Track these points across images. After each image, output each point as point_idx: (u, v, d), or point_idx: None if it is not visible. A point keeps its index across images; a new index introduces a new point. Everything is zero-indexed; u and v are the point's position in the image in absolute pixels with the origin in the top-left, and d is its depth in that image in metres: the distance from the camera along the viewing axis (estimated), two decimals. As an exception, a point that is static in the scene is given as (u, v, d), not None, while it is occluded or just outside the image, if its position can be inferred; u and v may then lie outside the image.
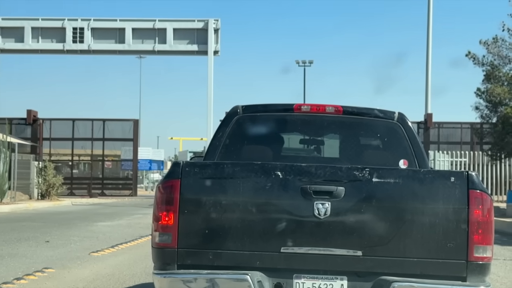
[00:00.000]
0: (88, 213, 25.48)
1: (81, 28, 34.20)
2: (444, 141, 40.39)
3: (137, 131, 43.59)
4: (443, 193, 4.67)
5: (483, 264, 4.65)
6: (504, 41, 27.19)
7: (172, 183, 4.73)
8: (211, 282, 4.57)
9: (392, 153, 5.87)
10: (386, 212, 4.67)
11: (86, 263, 10.97)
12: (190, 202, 4.72)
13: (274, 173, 4.72)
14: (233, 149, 5.84)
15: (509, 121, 24.78)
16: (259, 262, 4.65)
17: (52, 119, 42.65)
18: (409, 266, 4.62)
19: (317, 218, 4.59)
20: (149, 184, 68.30)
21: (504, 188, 35.29)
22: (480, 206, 4.65)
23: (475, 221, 4.62)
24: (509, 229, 19.47)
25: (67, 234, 16.01)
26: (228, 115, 6.07)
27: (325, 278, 4.66)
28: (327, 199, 4.60)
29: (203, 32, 33.60)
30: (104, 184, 43.56)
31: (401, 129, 5.90)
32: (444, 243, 4.61)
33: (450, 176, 4.72)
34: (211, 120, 33.91)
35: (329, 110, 5.97)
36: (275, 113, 6.16)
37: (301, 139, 6.62)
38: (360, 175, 4.70)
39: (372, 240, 4.64)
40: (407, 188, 4.72)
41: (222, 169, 4.82)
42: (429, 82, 39.77)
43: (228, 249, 4.68)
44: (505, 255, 13.84)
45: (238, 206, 4.72)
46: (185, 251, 4.69)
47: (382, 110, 6.13)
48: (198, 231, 4.71)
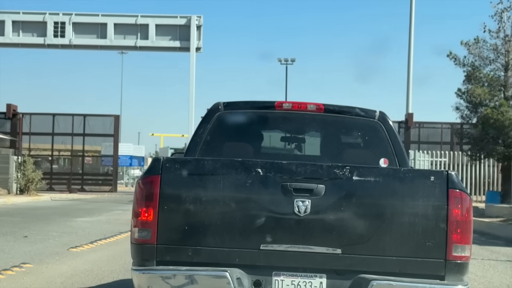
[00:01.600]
0: (67, 209, 25.31)
1: (62, 23, 33.91)
2: (425, 141, 40.59)
3: (118, 127, 43.38)
4: (422, 192, 4.66)
5: (461, 263, 4.65)
6: (485, 42, 27.43)
7: (152, 178, 4.70)
8: (190, 278, 4.52)
9: (373, 151, 5.88)
10: (366, 211, 4.66)
11: (64, 259, 10.89)
12: (170, 198, 4.67)
13: (254, 170, 4.69)
14: (214, 145, 5.82)
15: (489, 121, 24.97)
16: (239, 259, 4.61)
17: (32, 114, 42.34)
18: (388, 264, 4.61)
19: (297, 216, 4.57)
20: (129, 180, 68.10)
21: (483, 188, 35.60)
22: (460, 205, 4.64)
23: (454, 221, 4.61)
24: (488, 229, 19.59)
25: (45, 230, 15.89)
26: (209, 112, 6.05)
27: (304, 275, 4.64)
28: (307, 197, 4.59)
29: (186, 28, 33.46)
30: (84, 180, 43.32)
31: (382, 128, 5.91)
32: (423, 242, 4.61)
33: (430, 176, 4.72)
34: (192, 116, 33.82)
35: (311, 108, 5.98)
36: (256, 110, 6.14)
37: (282, 137, 6.61)
38: (340, 173, 4.68)
39: (352, 238, 4.62)
40: (387, 187, 4.72)
41: (203, 165, 4.80)
42: (410, 82, 39.95)
43: (208, 245, 4.64)
44: (483, 254, 13.93)
45: (218, 203, 4.67)
46: (164, 247, 4.65)
47: (363, 109, 6.14)
48: (178, 228, 4.67)
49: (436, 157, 36.29)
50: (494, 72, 27.99)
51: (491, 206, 23.92)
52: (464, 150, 32.80)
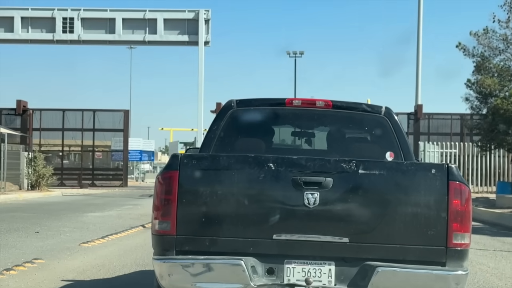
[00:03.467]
0: (78, 204, 25.42)
1: (71, 18, 33.91)
2: (434, 132, 40.39)
3: (127, 121, 43.40)
4: (424, 184, 4.93)
5: (461, 250, 4.92)
6: (495, 32, 27.20)
7: (171, 174, 4.96)
8: (207, 267, 4.79)
9: (379, 145, 6.12)
10: (371, 202, 4.94)
11: (76, 254, 10.95)
12: (188, 192, 4.93)
13: (266, 165, 4.94)
14: (227, 141, 6.06)
15: (499, 112, 24.80)
16: (253, 248, 4.88)
17: (42, 110, 42.38)
18: (393, 252, 4.87)
19: (306, 207, 4.83)
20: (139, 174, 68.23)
21: (493, 179, 35.43)
22: (459, 196, 4.91)
23: (454, 210, 4.88)
24: (499, 220, 19.53)
25: (57, 225, 15.97)
26: (223, 109, 6.27)
27: (314, 263, 4.89)
28: (316, 190, 4.84)
29: (194, 22, 33.39)
30: (94, 175, 43.40)
31: (388, 122, 6.13)
32: (425, 231, 4.88)
33: (431, 168, 4.99)
34: (201, 110, 33.86)
35: (319, 105, 6.21)
36: (267, 107, 6.36)
37: (293, 132, 6.84)
38: (347, 167, 4.93)
39: (358, 227, 4.90)
40: (391, 179, 4.99)
41: (218, 161, 5.09)
42: (419, 74, 39.78)
43: (224, 236, 4.91)
44: (495, 245, 13.90)
45: (233, 196, 4.94)
46: (183, 238, 4.91)
47: (369, 105, 6.43)
48: (196, 219, 4.93)
49: (446, 149, 36.12)
50: (504, 63, 27.78)
51: (502, 196, 23.81)
52: (474, 141, 32.60)
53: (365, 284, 4.79)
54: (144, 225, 16.52)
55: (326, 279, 4.88)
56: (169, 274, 4.87)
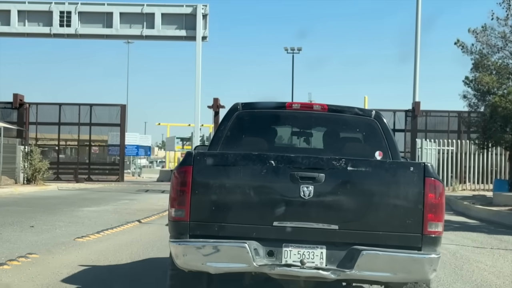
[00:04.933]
0: (74, 198, 25.32)
1: (68, 12, 33.71)
2: (432, 129, 40.33)
3: (124, 116, 43.30)
4: (404, 180, 5.72)
5: (435, 237, 5.68)
6: (493, 30, 27.08)
7: (186, 169, 5.71)
8: (216, 248, 5.55)
9: (369, 145, 6.83)
10: (358, 194, 5.71)
11: (71, 249, 10.86)
12: (200, 184, 5.68)
13: (268, 161, 5.70)
14: (233, 140, 6.72)
15: (497, 110, 24.69)
16: (255, 233, 5.62)
17: (38, 103, 42.25)
18: (376, 238, 5.63)
19: (302, 199, 5.59)
20: (136, 169, 68.00)
21: (490, 176, 35.40)
22: (434, 191, 5.66)
23: (429, 203, 5.63)
24: (496, 218, 19.46)
25: (52, 219, 15.88)
26: (229, 111, 6.95)
27: (308, 247, 5.63)
28: (311, 183, 5.59)
29: (192, 17, 33.22)
30: (90, 169, 43.28)
31: (377, 125, 6.83)
32: (404, 220, 5.65)
33: (410, 166, 5.83)
34: (198, 105, 33.69)
35: (316, 108, 6.94)
36: (270, 109, 7.07)
37: (292, 132, 7.59)
38: (337, 164, 5.69)
39: (346, 216, 5.68)
40: (375, 176, 5.74)
41: (226, 158, 5.86)
42: (417, 71, 39.68)
43: (230, 222, 5.67)
44: (492, 243, 13.83)
45: (239, 188, 5.72)
46: (195, 224, 5.66)
47: (361, 109, 7.19)
48: (206, 208, 5.69)
49: (444, 146, 36.08)
50: (503, 60, 27.66)
51: (499, 194, 23.72)
52: (472, 138, 32.52)
53: (352, 265, 5.52)
54: (140, 220, 16.45)
55: (318, 260, 5.61)
56: (184, 255, 5.62)
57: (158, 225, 15.71)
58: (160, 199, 26.23)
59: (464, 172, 36.02)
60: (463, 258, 11.24)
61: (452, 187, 34.28)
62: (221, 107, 40.00)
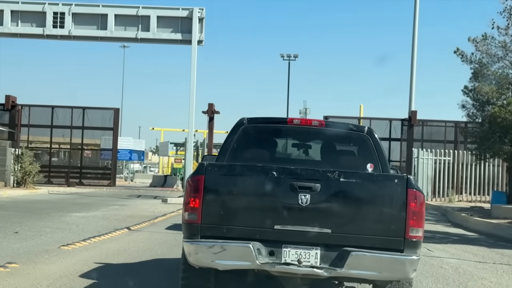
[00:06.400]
0: (64, 203, 24.75)
1: (62, 13, 33.07)
2: (428, 139, 39.94)
3: (117, 120, 42.76)
4: (389, 190, 6.40)
5: (416, 241, 6.33)
6: (494, 39, 26.60)
7: (198, 177, 6.36)
8: (224, 248, 6.19)
9: (362, 158, 7.50)
10: (349, 202, 6.42)
11: (54, 258, 10.30)
12: (211, 192, 6.35)
13: (271, 173, 6.38)
14: (239, 151, 7.41)
15: (497, 120, 24.23)
16: (258, 235, 6.28)
17: (31, 106, 41.73)
18: (364, 241, 6.27)
19: (300, 206, 6.25)
20: (129, 174, 67.40)
21: (487, 188, 34.92)
22: (415, 200, 6.31)
23: (411, 211, 6.28)
24: (495, 231, 18.98)
25: (38, 225, 15.33)
26: (236, 125, 7.60)
27: (305, 247, 6.29)
28: (308, 192, 6.26)
29: (188, 20, 32.64)
30: (82, 173, 42.71)
31: (369, 140, 7.52)
32: (389, 225, 6.31)
33: (394, 179, 6.49)
34: (193, 111, 33.04)
35: (314, 124, 7.63)
36: (272, 124, 7.83)
37: (293, 144, 8.30)
38: (331, 176, 6.37)
39: (338, 222, 6.33)
40: (364, 186, 6.44)
41: (234, 168, 6.61)
42: (413, 80, 39.29)
43: (237, 225, 6.33)
44: (494, 258, 13.35)
45: (245, 195, 6.42)
46: (206, 226, 6.32)
47: (355, 125, 8.12)
48: (216, 212, 6.34)
49: (440, 156, 35.65)
50: (503, 70, 27.21)
51: (498, 207, 23.25)
52: (470, 149, 32.04)
53: (342, 264, 6.17)
54: (130, 227, 15.91)
55: (313, 260, 6.27)
56: (196, 253, 6.27)
57: (148, 232, 15.20)
58: (151, 205, 25.71)
59: (461, 183, 35.54)
60: (467, 274, 10.74)
61: (448, 197, 33.85)
62: (215, 113, 39.53)
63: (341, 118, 39.65)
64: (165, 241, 13.57)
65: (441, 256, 13.07)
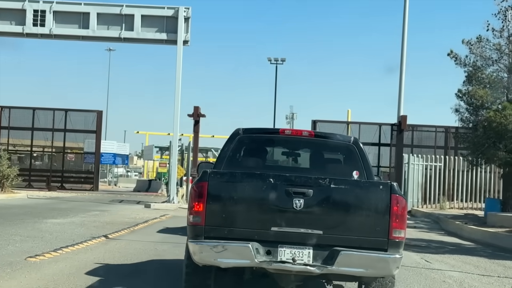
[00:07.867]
0: (41, 208, 23.66)
1: (42, 11, 31.99)
2: (418, 144, 39.08)
3: (100, 123, 41.67)
4: (374, 196, 7.03)
5: (398, 241, 6.92)
6: (488, 41, 25.83)
7: (202, 184, 6.93)
8: (225, 248, 6.74)
9: (348, 166, 8.13)
10: (338, 206, 7.01)
11: (17, 272, 9.26)
12: (213, 196, 6.91)
13: (268, 179, 6.97)
14: (235, 160, 8.12)
15: (492, 125, 23.39)
16: (257, 236, 6.85)
17: (11, 107, 40.73)
18: (352, 241, 6.85)
19: (294, 209, 6.83)
20: (112, 178, 66.15)
21: (479, 195, 34.05)
22: (398, 204, 6.92)
23: (394, 214, 6.89)
24: (493, 240, 18.12)
25: (8, 233, 14.28)
26: (232, 135, 8.29)
27: (298, 247, 6.85)
28: (302, 197, 6.85)
29: (173, 20, 31.65)
30: (64, 177, 41.64)
31: (355, 149, 8.20)
32: (374, 227, 6.90)
33: (379, 185, 7.16)
34: (178, 113, 32.05)
35: (304, 134, 8.33)
36: (266, 134, 8.64)
37: (284, 153, 8.99)
38: (323, 182, 6.98)
39: (329, 224, 6.92)
40: (352, 192, 7.07)
41: (234, 175, 7.21)
42: (402, 84, 38.48)
43: (237, 227, 6.87)
44: (497, 270, 12.48)
45: (244, 200, 6.97)
46: (209, 228, 6.86)
47: (342, 135, 9.12)
48: (218, 215, 6.88)
49: (431, 162, 34.81)
50: (497, 73, 26.45)
51: (494, 214, 22.41)
52: (463, 155, 31.19)
53: (333, 262, 6.75)
54: (108, 235, 14.88)
55: (306, 258, 6.84)
56: (200, 252, 6.82)
57: (127, 241, 14.18)
58: (133, 211, 24.66)
59: (452, 189, 34.64)
60: (473, 291, 9.82)
61: (439, 204, 32.94)
62: (201, 116, 38.46)
63: (330, 123, 38.91)
64: (144, 250, 12.57)
65: (441, 269, 12.17)
